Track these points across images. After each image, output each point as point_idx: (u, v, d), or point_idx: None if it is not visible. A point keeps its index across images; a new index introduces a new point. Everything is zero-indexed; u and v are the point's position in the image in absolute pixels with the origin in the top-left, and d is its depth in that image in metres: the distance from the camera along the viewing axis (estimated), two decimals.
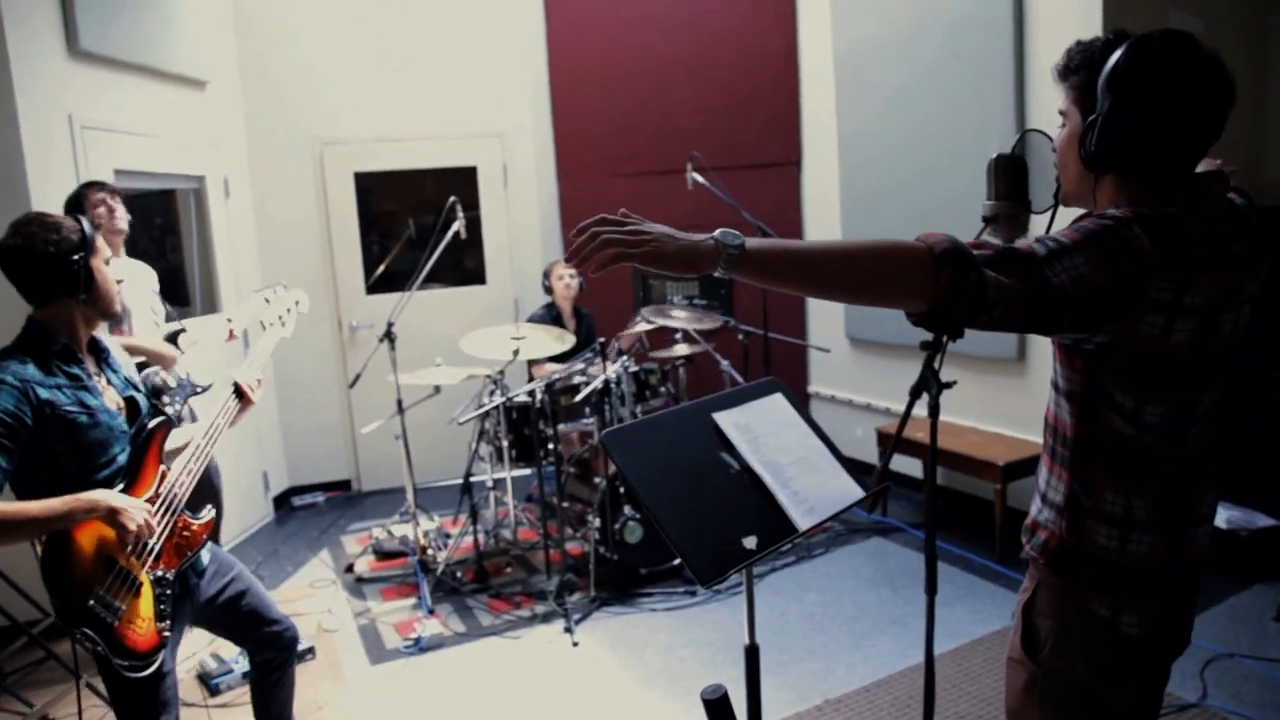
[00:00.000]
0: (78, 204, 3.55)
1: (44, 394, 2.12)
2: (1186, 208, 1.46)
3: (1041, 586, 1.62)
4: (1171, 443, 1.50)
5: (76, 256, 2.19)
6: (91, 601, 2.07)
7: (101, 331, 2.40)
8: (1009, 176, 1.75)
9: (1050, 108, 4.58)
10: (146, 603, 2.19)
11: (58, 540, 2.09)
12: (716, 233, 1.32)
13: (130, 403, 2.34)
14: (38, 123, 3.92)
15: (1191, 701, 3.11)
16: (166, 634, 2.21)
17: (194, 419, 3.49)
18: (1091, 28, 3.92)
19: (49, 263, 2.17)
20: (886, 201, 5.24)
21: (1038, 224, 1.88)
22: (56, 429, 2.13)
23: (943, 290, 1.27)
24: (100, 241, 2.30)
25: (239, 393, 2.53)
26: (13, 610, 3.56)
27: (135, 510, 2.12)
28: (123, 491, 2.19)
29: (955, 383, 2.09)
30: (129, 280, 3.80)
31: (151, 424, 2.33)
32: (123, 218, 3.67)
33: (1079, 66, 1.55)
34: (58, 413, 2.13)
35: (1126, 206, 1.45)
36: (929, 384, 2.06)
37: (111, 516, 2.08)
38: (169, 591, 2.25)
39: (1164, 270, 1.39)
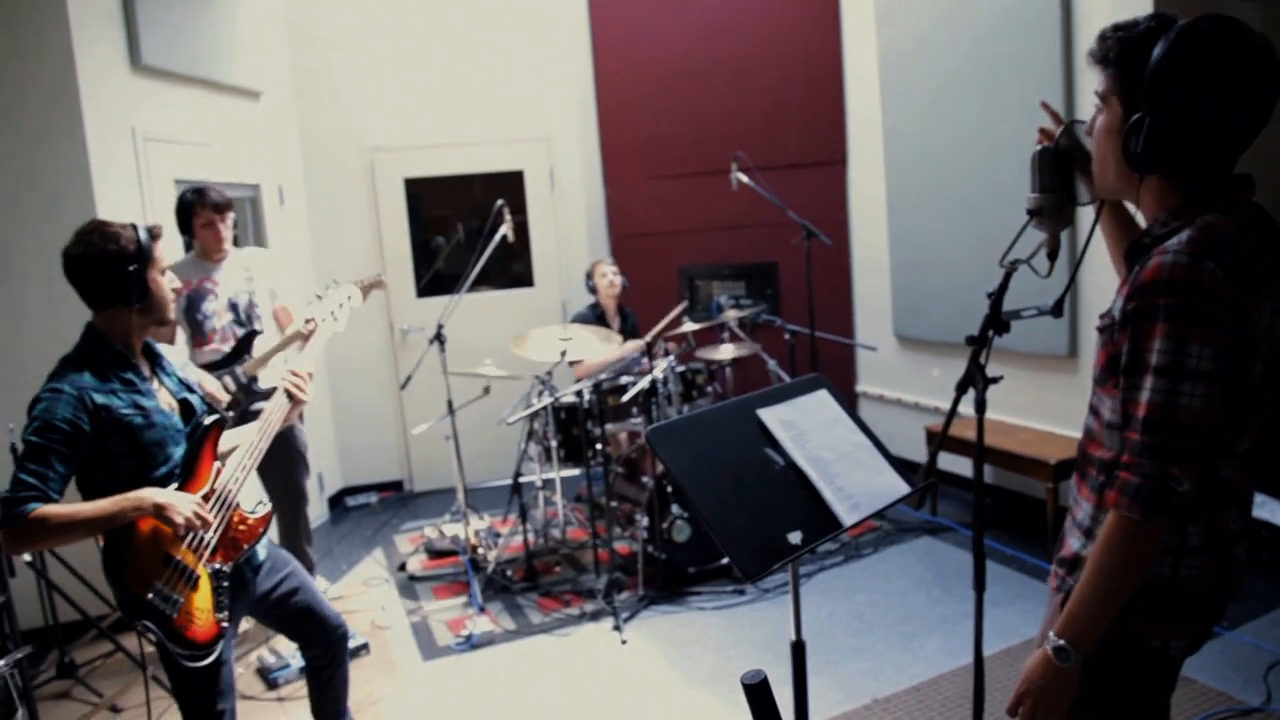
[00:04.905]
0: (186, 212, 3.82)
1: (100, 399, 2.20)
2: (1228, 216, 1.40)
3: None
4: (1241, 471, 1.46)
5: (132, 267, 2.25)
6: (150, 595, 2.15)
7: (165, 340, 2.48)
8: (1053, 169, 1.73)
9: None
10: (204, 595, 2.26)
11: (118, 536, 2.17)
12: (1051, 652, 1.48)
13: (184, 404, 2.42)
14: (103, 135, 4.06)
15: (1255, 705, 3.04)
16: (225, 624, 2.28)
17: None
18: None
19: (107, 271, 2.24)
20: (933, 198, 5.18)
21: (1085, 215, 1.86)
22: (113, 431, 2.21)
23: (1173, 526, 1.40)
24: (158, 252, 2.35)
25: (288, 393, 2.58)
26: (83, 604, 3.69)
27: (181, 504, 2.17)
28: (178, 488, 2.26)
29: (1001, 378, 2.09)
30: (244, 271, 4.03)
31: (207, 421, 2.39)
32: (227, 239, 3.91)
33: (1119, 56, 1.46)
34: (113, 416, 2.21)
35: (1187, 237, 1.37)
36: (975, 379, 2.06)
37: (158, 512, 2.14)
38: (225, 584, 2.32)
39: (1244, 304, 1.35)
